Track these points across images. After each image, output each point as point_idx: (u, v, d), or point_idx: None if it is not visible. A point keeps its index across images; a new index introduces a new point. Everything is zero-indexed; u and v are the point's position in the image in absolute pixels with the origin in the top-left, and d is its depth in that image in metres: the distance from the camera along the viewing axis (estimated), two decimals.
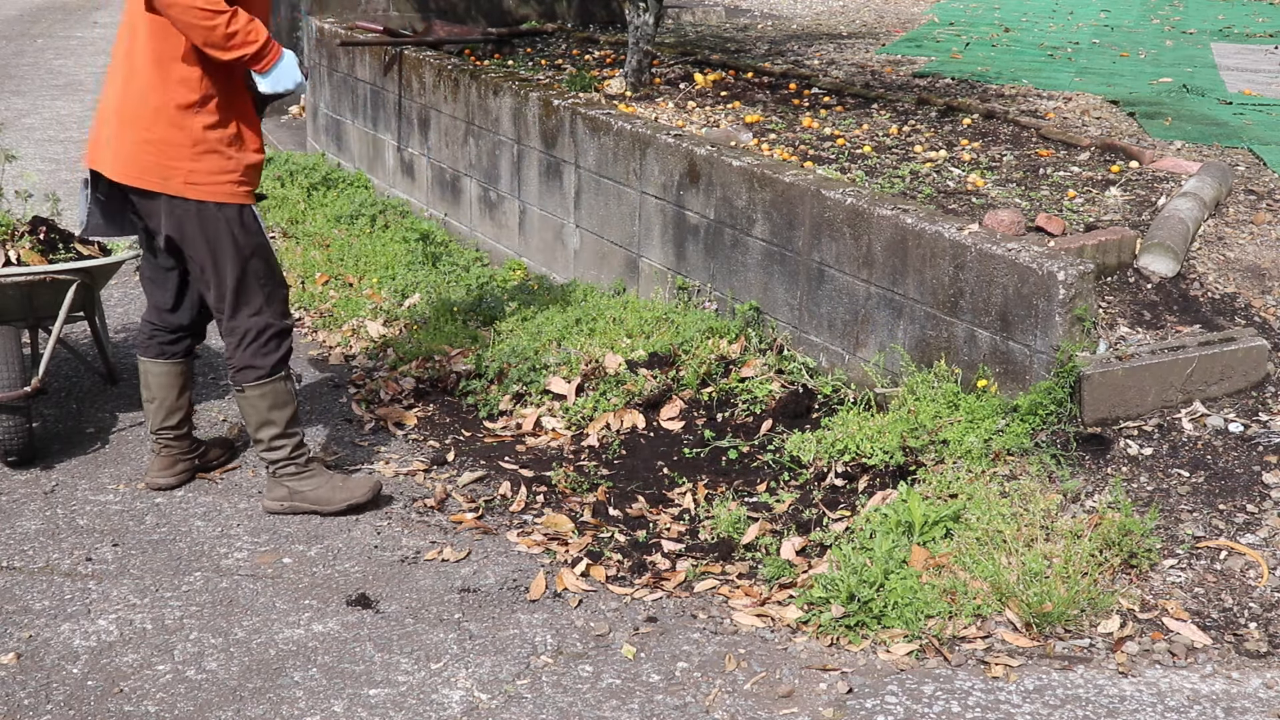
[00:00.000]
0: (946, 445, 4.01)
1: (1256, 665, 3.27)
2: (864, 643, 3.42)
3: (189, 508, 4.24)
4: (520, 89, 6.37)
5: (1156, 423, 4.02)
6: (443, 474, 4.51)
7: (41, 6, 18.23)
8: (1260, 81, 7.96)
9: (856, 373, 4.60)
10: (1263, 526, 3.68)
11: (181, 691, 3.25)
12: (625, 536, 4.07)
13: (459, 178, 7.03)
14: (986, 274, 4.10)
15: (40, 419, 4.88)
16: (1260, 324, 4.33)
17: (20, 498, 4.29)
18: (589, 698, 3.23)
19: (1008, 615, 3.44)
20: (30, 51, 14.32)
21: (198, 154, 3.92)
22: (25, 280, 4.44)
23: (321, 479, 4.20)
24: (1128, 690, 3.19)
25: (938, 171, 5.37)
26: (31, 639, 3.48)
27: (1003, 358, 4.09)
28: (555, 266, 6.18)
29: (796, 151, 5.60)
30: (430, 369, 5.25)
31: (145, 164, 3.92)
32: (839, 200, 4.61)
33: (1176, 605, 3.45)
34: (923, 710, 3.14)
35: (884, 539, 3.64)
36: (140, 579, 3.79)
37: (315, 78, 9.05)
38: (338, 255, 6.59)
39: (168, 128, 3.90)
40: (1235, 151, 5.87)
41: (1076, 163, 5.59)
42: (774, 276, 4.91)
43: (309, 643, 3.47)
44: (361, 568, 3.88)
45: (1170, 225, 4.55)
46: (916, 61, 8.30)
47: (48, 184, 5.21)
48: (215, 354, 5.62)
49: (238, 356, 4.10)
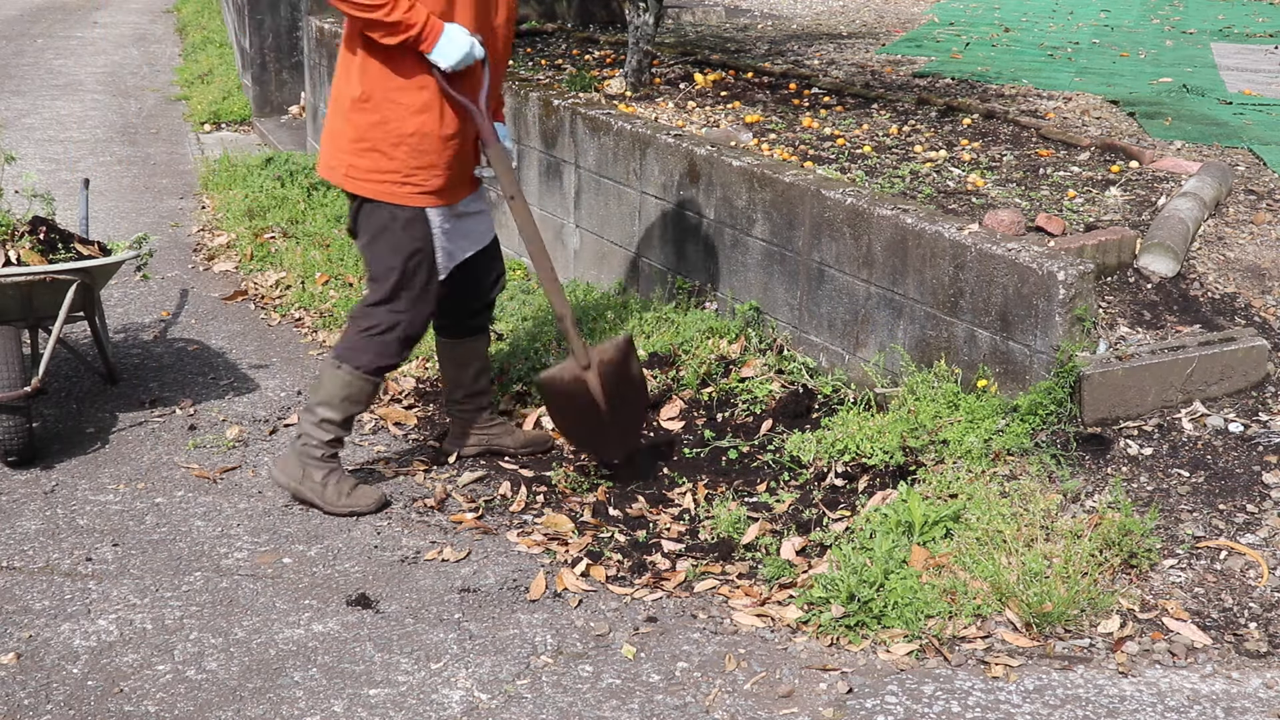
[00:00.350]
0: (946, 445, 4.01)
1: (1256, 665, 3.27)
2: (864, 643, 3.42)
3: (189, 508, 4.24)
4: (520, 89, 6.37)
5: (1156, 423, 4.02)
6: (443, 474, 4.51)
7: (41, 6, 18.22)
8: (1260, 81, 7.96)
9: (856, 373, 4.59)
10: (1263, 526, 3.68)
11: (181, 691, 3.25)
12: (625, 536, 4.07)
13: None
14: (986, 274, 4.10)
15: (40, 419, 4.88)
16: (1260, 324, 4.33)
17: (20, 498, 4.29)
18: (589, 698, 3.23)
19: (1008, 615, 3.44)
20: (30, 51, 14.31)
21: (359, 150, 4.01)
22: (25, 280, 4.44)
23: (334, 477, 4.20)
24: (1128, 690, 3.19)
25: (938, 171, 5.37)
26: (31, 639, 3.48)
27: (1003, 358, 4.09)
28: (555, 266, 6.18)
29: (796, 151, 5.60)
30: (430, 369, 5.25)
31: (324, 155, 4.14)
32: (839, 200, 4.61)
33: (1176, 605, 3.45)
34: (923, 710, 3.14)
35: (884, 539, 3.64)
36: (140, 579, 3.79)
37: (315, 78, 9.05)
38: (338, 255, 6.59)
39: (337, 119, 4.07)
40: (1235, 151, 5.87)
41: (1076, 163, 5.59)
42: (774, 276, 4.91)
43: (309, 643, 3.47)
44: (361, 568, 3.88)
45: (1170, 225, 4.55)
46: (916, 61, 8.30)
47: (48, 184, 5.21)
48: (215, 353, 5.63)
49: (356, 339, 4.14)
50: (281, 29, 10.61)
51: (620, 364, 4.31)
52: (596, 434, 4.34)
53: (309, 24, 9.18)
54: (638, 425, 4.47)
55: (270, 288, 6.43)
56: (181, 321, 6.06)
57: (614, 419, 4.30)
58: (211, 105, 11.00)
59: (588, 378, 4.23)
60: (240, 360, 5.56)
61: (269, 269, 6.66)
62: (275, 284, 6.45)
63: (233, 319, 6.11)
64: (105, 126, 10.55)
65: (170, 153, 9.77)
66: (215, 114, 10.87)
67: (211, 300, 6.37)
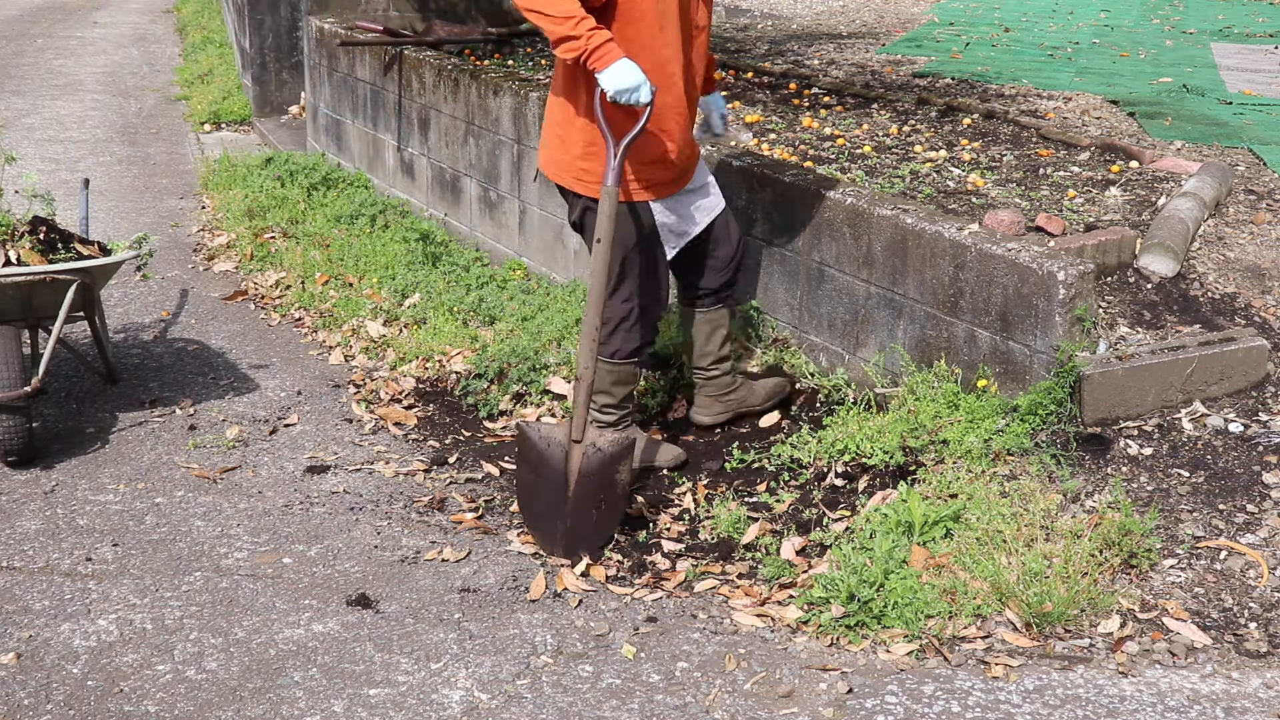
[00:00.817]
0: (946, 445, 4.01)
1: (1256, 665, 3.27)
2: (864, 643, 3.42)
3: (189, 508, 4.25)
4: (520, 89, 6.37)
5: (1156, 423, 4.02)
6: (443, 474, 4.51)
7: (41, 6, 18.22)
8: (1260, 81, 7.96)
9: (856, 373, 4.59)
10: (1263, 526, 3.68)
11: (181, 691, 3.25)
12: (625, 536, 4.06)
13: (459, 178, 7.03)
14: (986, 274, 4.10)
15: (40, 419, 4.88)
16: (1260, 324, 4.33)
17: (20, 498, 4.29)
18: (589, 698, 3.23)
19: (1008, 615, 3.44)
20: (30, 51, 14.31)
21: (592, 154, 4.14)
22: (25, 280, 4.44)
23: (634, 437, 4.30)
24: (1128, 690, 3.19)
25: (938, 171, 5.37)
26: (31, 639, 3.48)
27: (1003, 358, 4.09)
28: (555, 266, 6.18)
29: (796, 151, 5.60)
30: (430, 369, 5.25)
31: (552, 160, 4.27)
32: (839, 200, 4.61)
33: (1176, 605, 3.45)
34: (923, 710, 3.14)
35: (884, 539, 3.64)
36: (140, 579, 3.79)
37: (315, 78, 9.05)
38: (338, 255, 6.59)
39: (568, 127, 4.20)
40: (1235, 151, 5.87)
41: (1076, 163, 5.59)
42: (774, 276, 4.91)
43: (309, 643, 3.47)
44: (361, 568, 3.88)
45: (1170, 225, 4.55)
46: (916, 61, 8.30)
47: (47, 184, 5.22)
48: (214, 353, 5.63)
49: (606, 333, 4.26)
50: (281, 29, 10.61)
51: (610, 461, 3.95)
52: (548, 517, 3.97)
53: (309, 24, 9.18)
54: (594, 536, 3.96)
55: (270, 288, 6.44)
56: (181, 321, 6.06)
57: (574, 513, 3.94)
58: (211, 105, 11.00)
59: (571, 452, 3.95)
60: (240, 360, 5.57)
61: (269, 269, 6.67)
62: (275, 284, 6.45)
63: (233, 319, 6.11)
64: (105, 126, 10.56)
65: (170, 153, 9.77)
66: (215, 114, 10.87)
67: (211, 300, 6.37)
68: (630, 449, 4.00)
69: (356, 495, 4.35)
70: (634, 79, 3.91)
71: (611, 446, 3.95)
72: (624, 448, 3.96)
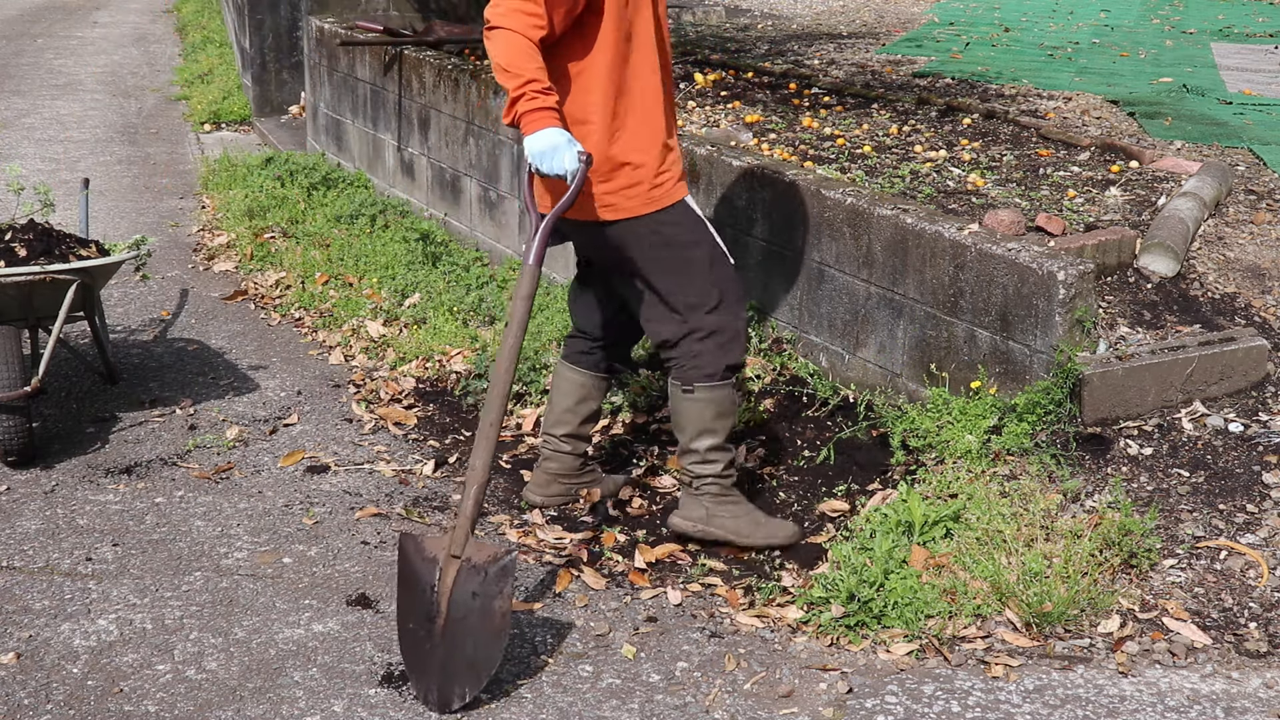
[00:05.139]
0: (946, 445, 4.01)
1: (1256, 665, 3.27)
2: (864, 643, 3.42)
3: (189, 508, 4.24)
4: None
5: (1156, 423, 4.02)
6: (443, 474, 4.51)
7: (41, 6, 18.23)
8: (1260, 81, 7.96)
9: (856, 372, 4.59)
10: (1263, 526, 3.68)
11: (181, 691, 3.25)
12: (625, 536, 4.06)
13: (459, 177, 7.03)
14: (986, 274, 4.10)
15: (40, 419, 4.88)
16: (1260, 324, 4.33)
17: (20, 498, 4.29)
18: (589, 698, 3.23)
19: (1008, 615, 3.44)
20: (30, 51, 14.32)
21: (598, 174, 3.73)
22: (25, 280, 4.44)
23: (742, 509, 3.92)
24: (1128, 690, 3.19)
25: (938, 171, 5.37)
26: (31, 639, 3.48)
27: (1003, 358, 4.09)
28: (555, 266, 6.18)
29: (796, 151, 5.60)
30: (430, 369, 5.25)
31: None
32: (839, 200, 4.61)
33: (1176, 605, 3.45)
34: (923, 710, 3.14)
35: (884, 539, 3.64)
36: (140, 579, 3.79)
37: (315, 78, 9.05)
38: (338, 255, 6.59)
39: None
40: (1235, 151, 5.87)
41: (1076, 163, 5.59)
42: (774, 276, 4.91)
43: (309, 643, 3.47)
44: (361, 568, 3.88)
45: (1170, 225, 4.55)
46: (916, 61, 8.30)
47: (47, 184, 5.22)
48: (214, 353, 5.63)
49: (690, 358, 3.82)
50: (281, 29, 10.61)
51: (490, 581, 3.23)
52: (421, 644, 3.25)
53: (309, 24, 9.18)
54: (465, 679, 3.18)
55: (270, 288, 6.44)
56: (181, 321, 6.06)
57: (447, 643, 3.22)
58: (211, 105, 11.01)
59: (447, 569, 3.26)
60: (240, 360, 5.56)
61: (269, 269, 6.67)
62: (275, 284, 6.45)
63: (233, 319, 6.11)
64: (105, 126, 10.56)
65: (170, 153, 9.77)
66: (215, 114, 10.88)
67: (211, 300, 6.37)
68: (509, 566, 3.22)
69: (356, 495, 4.35)
70: (553, 144, 3.50)
71: (487, 560, 3.24)
72: (502, 565, 3.22)
